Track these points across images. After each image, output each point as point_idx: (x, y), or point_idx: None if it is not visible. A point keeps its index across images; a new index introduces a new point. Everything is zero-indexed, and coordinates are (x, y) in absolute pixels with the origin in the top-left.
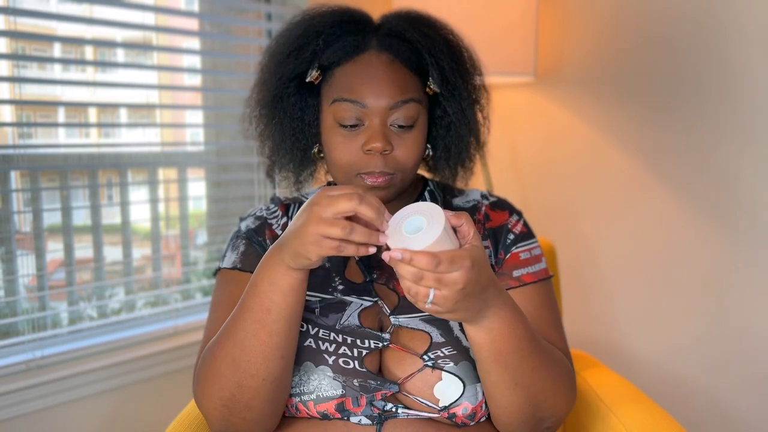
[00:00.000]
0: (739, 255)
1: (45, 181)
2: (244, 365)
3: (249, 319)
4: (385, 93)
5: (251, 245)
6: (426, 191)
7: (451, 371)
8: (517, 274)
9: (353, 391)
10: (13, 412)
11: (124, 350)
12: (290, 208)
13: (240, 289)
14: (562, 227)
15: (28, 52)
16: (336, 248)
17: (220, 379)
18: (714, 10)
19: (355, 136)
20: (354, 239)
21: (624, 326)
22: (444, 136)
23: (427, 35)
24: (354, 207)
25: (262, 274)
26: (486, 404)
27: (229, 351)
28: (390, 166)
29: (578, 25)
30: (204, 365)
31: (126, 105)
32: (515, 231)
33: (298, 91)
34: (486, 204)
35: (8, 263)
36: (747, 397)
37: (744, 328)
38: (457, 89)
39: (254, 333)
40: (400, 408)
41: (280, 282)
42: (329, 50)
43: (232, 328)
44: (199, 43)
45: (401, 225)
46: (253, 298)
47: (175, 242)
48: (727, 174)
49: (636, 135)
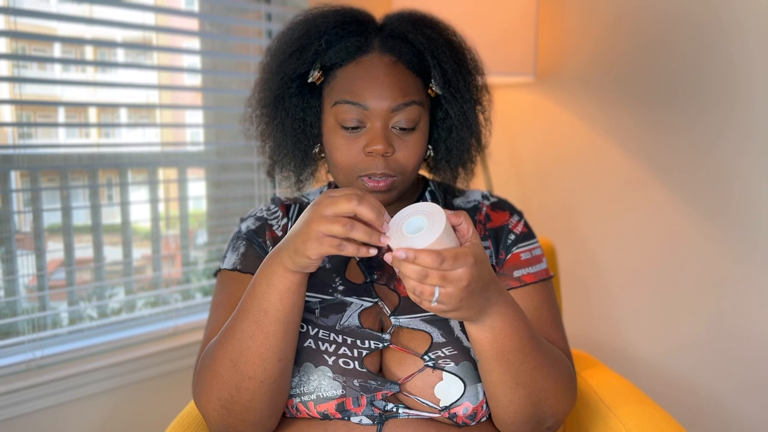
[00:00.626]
0: (740, 254)
1: (45, 181)
2: (242, 367)
3: (247, 320)
4: (387, 95)
5: (251, 246)
6: (427, 191)
7: (451, 371)
8: (518, 274)
9: (353, 392)
10: (13, 412)
11: (124, 350)
12: (291, 208)
13: (240, 291)
14: (562, 227)
15: (28, 52)
16: (337, 246)
17: (219, 380)
18: (713, 11)
19: (356, 138)
20: (355, 237)
21: (624, 326)
22: (446, 138)
23: (429, 37)
24: (354, 207)
25: (260, 276)
26: (487, 404)
27: (228, 352)
28: (391, 168)
29: (578, 25)
30: (203, 366)
31: (126, 105)
32: (516, 231)
33: (299, 92)
34: (487, 204)
35: (8, 263)
36: (747, 396)
37: (744, 327)
38: (459, 92)
39: (251, 335)
40: (401, 408)
41: (278, 284)
42: (331, 51)
43: (231, 330)
44: (199, 43)
45: (402, 226)
46: (251, 299)
47: (175, 242)
48: (727, 174)
49: (636, 135)
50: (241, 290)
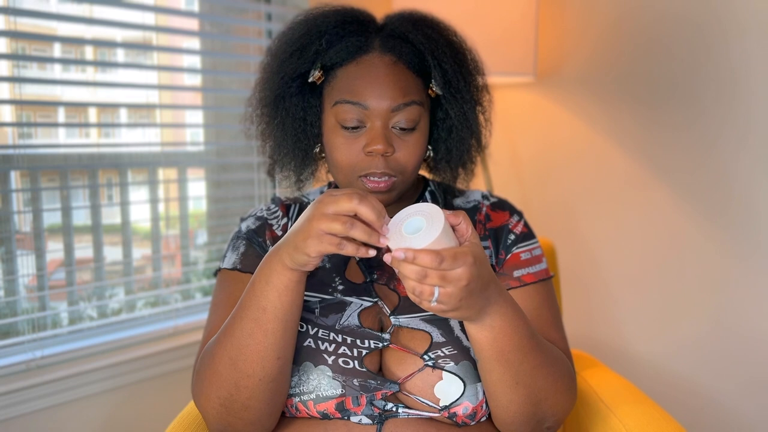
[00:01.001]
0: (740, 254)
1: (45, 181)
2: (240, 365)
3: (246, 318)
4: (387, 95)
5: (251, 246)
6: (427, 192)
7: (451, 371)
8: (518, 274)
9: (353, 391)
10: (13, 412)
11: (124, 350)
12: (291, 208)
13: (239, 290)
14: (562, 227)
15: (28, 52)
16: (337, 245)
17: (218, 378)
18: (713, 11)
19: (356, 137)
20: (354, 236)
21: (624, 326)
22: (446, 138)
23: (430, 37)
24: (354, 206)
25: (259, 274)
26: (487, 404)
27: (227, 350)
28: (391, 168)
29: (578, 25)
30: (203, 365)
31: (126, 105)
32: (516, 231)
33: (300, 91)
34: (487, 204)
35: (8, 263)
36: (747, 397)
37: (744, 327)
38: (459, 92)
39: (250, 332)
40: (401, 407)
41: (276, 281)
42: (332, 50)
43: (230, 328)
44: (199, 43)
45: (401, 226)
46: (250, 297)
47: (175, 242)
48: (727, 173)
49: (636, 135)
50: (241, 290)
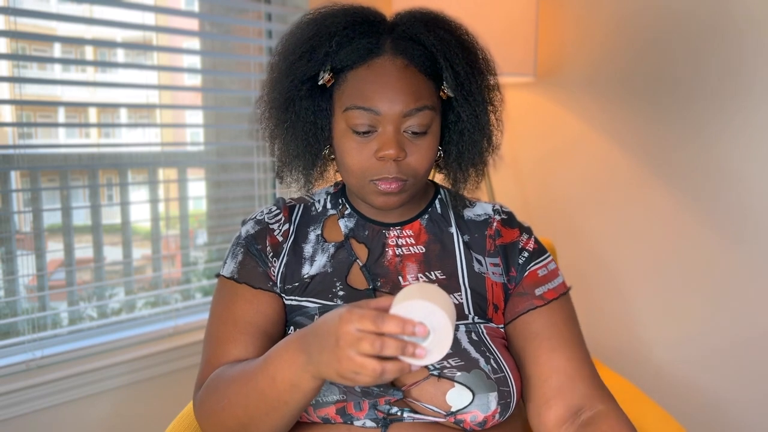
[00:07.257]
0: (742, 254)
1: (45, 181)
2: (252, 429)
3: (263, 402)
4: (399, 100)
5: (249, 255)
6: (437, 200)
7: (460, 381)
8: (540, 291)
9: (355, 396)
10: (13, 412)
11: (124, 350)
12: (294, 210)
13: (237, 304)
14: (563, 227)
15: (28, 52)
16: (379, 375)
17: (226, 429)
18: (714, 11)
19: (368, 142)
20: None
21: (624, 326)
22: (457, 141)
23: (442, 39)
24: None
25: (282, 375)
26: (500, 413)
27: (239, 416)
28: (403, 172)
29: (578, 25)
30: (209, 405)
31: (126, 105)
32: (528, 248)
33: (310, 94)
34: (498, 220)
35: (8, 263)
36: (747, 396)
37: (745, 327)
38: (471, 94)
39: (267, 413)
40: (406, 412)
41: (305, 387)
42: (342, 52)
43: (244, 399)
44: (199, 43)
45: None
46: (272, 390)
47: (175, 242)
48: (727, 172)
49: (636, 134)
50: (238, 304)
